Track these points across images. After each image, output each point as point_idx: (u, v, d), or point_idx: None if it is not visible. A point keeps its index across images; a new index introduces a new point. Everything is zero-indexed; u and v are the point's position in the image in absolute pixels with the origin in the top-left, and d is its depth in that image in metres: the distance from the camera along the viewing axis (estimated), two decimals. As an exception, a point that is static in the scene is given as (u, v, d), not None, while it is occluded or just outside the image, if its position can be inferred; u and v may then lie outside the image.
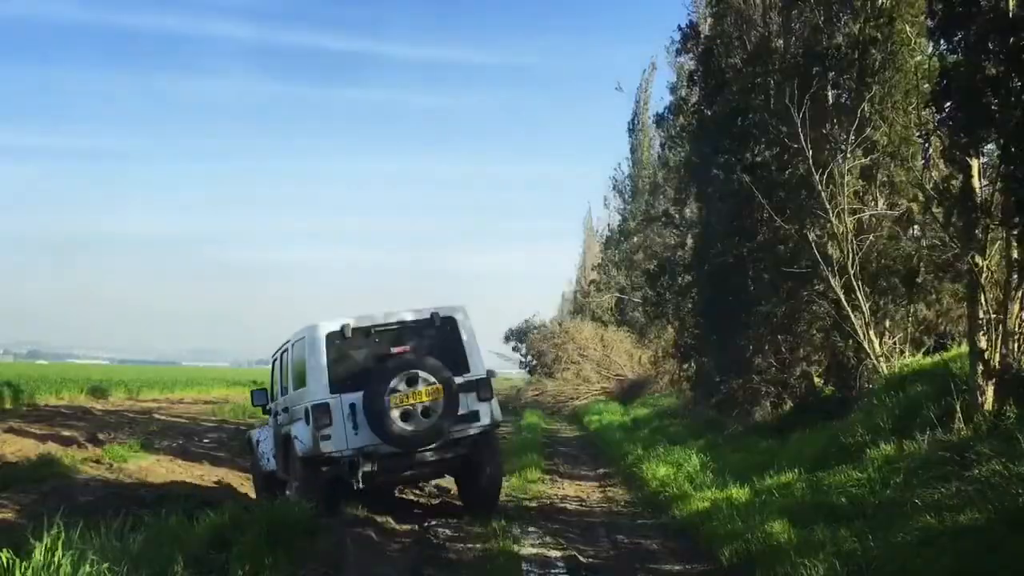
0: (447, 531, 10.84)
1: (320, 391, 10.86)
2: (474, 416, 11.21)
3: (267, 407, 13.58)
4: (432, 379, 10.67)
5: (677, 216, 26.10)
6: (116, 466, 17.55)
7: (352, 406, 10.73)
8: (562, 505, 12.91)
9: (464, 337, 11.55)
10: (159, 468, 18.19)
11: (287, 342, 12.36)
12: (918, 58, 14.75)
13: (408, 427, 10.61)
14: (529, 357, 50.46)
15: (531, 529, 10.84)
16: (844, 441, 11.65)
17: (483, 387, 11.36)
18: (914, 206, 14.72)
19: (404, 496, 13.81)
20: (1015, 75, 9.53)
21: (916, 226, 15.24)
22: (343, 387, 10.85)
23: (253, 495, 14.87)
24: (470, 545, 9.94)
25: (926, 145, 13.93)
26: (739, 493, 11.23)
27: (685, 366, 25.17)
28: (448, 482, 14.88)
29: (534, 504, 12.85)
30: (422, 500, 13.94)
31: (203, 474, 18.19)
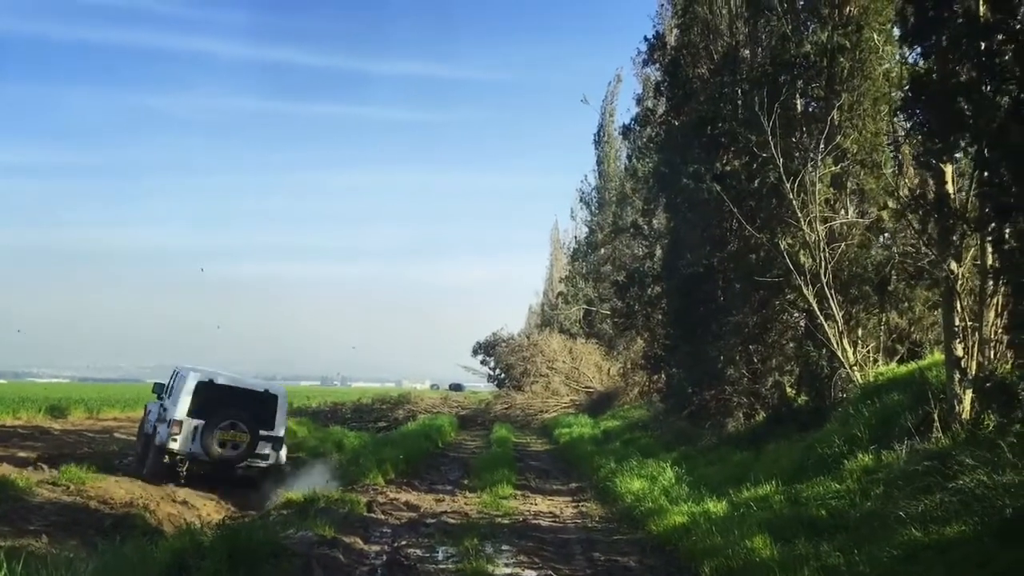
0: (418, 551, 10.47)
1: (181, 412, 16.79)
2: (265, 457, 17.46)
3: (160, 396, 19.01)
4: (245, 429, 16.98)
5: (646, 227, 26.00)
6: (73, 488, 16.87)
7: (195, 427, 16.73)
8: (535, 522, 12.59)
9: (278, 407, 17.75)
10: (118, 490, 17.52)
11: (181, 370, 18.07)
12: (886, 66, 14.75)
13: (223, 452, 16.91)
14: (497, 371, 50.20)
15: (504, 548, 10.51)
16: (821, 452, 11.49)
17: (276, 441, 17.66)
18: (884, 214, 14.68)
19: (373, 515, 13.41)
20: (988, 80, 9.45)
21: (886, 234, 15.21)
22: (195, 414, 16.76)
23: (219, 514, 15.29)
24: (442, 566, 9.59)
25: (896, 153, 13.88)
26: (716, 507, 11.00)
27: (655, 377, 25.05)
28: (421, 500, 14.50)
29: (507, 521, 12.51)
30: (391, 519, 13.53)
31: (166, 495, 17.58)
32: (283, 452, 17.92)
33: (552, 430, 33.00)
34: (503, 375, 48.95)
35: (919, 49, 10.39)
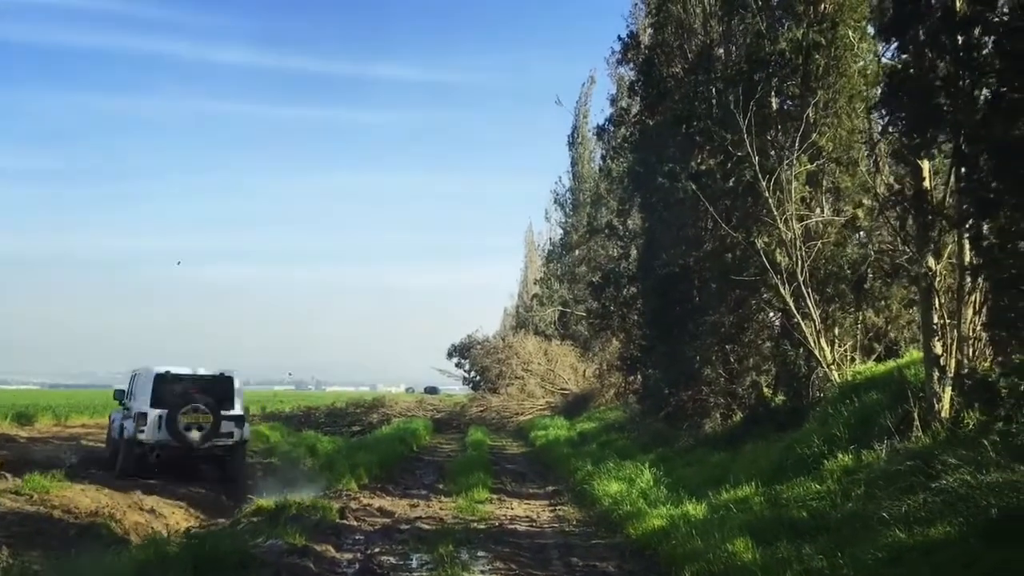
0: (392, 559, 10.20)
1: (144, 405, 17.95)
2: (229, 435, 18.39)
3: (122, 401, 20.20)
4: (207, 410, 18.00)
5: (620, 227, 25.86)
6: (37, 497, 16.41)
7: (160, 416, 17.73)
8: (512, 526, 12.36)
9: (235, 388, 19.07)
10: (84, 498, 17.07)
11: (138, 371, 19.42)
12: (861, 63, 14.68)
13: (190, 435, 17.86)
14: (472, 373, 49.93)
15: (480, 554, 10.27)
16: (800, 452, 11.36)
17: (238, 419, 18.73)
18: (860, 212, 14.61)
19: (346, 521, 13.11)
20: (966, 74, 9.36)
21: (861, 232, 15.14)
22: (158, 405, 17.87)
23: (188, 521, 14.99)
24: (417, 574, 9.34)
25: (872, 151, 13.81)
26: (696, 509, 10.82)
27: (631, 378, 24.91)
28: (395, 506, 14.23)
29: (483, 526, 12.27)
30: (364, 525, 13.24)
31: (133, 504, 17.16)
32: (246, 428, 19.47)
33: (528, 432, 32.80)
34: (478, 377, 48.69)
35: (895, 44, 10.29)
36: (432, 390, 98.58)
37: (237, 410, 18.85)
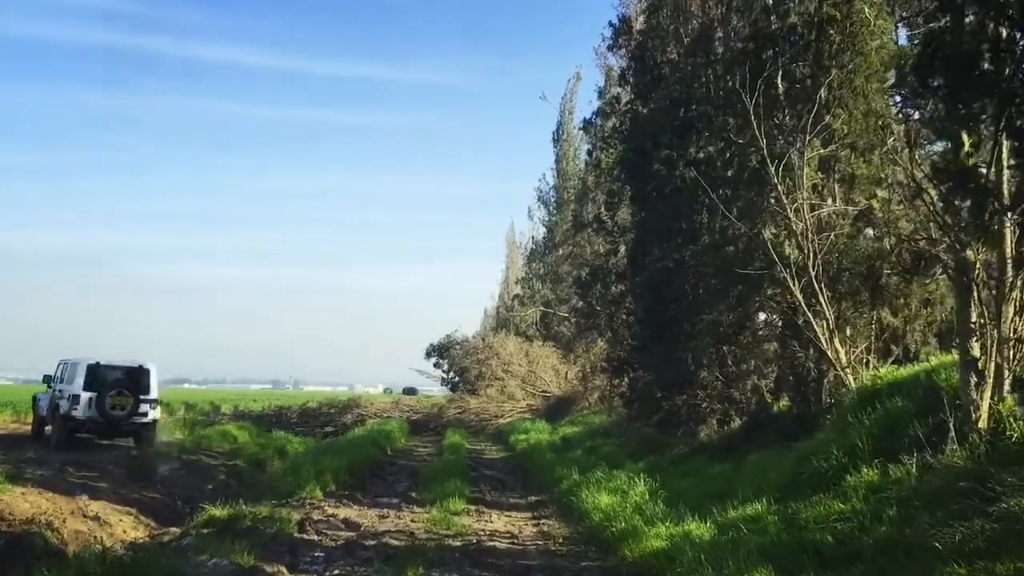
0: (353, 583, 8.89)
1: (78, 388, 21.78)
2: (145, 414, 22.37)
3: (50, 385, 24.04)
4: (128, 394, 22.00)
5: (609, 221, 24.58)
6: (-32, 502, 14.96)
7: (90, 398, 21.62)
8: (491, 543, 11.02)
9: (151, 377, 22.81)
10: (22, 503, 15.58)
11: (68, 360, 23.58)
12: (877, 42, 13.50)
13: (114, 413, 21.73)
14: (451, 374, 48.53)
15: (455, 577, 8.97)
16: (817, 465, 10.08)
17: (152, 403, 22.70)
18: (875, 202, 13.40)
19: (305, 535, 11.73)
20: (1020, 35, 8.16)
21: (872, 225, 13.93)
22: (89, 388, 21.75)
23: (136, 530, 14.14)
24: (379, 604, 8.02)
25: (892, 134, 12.62)
26: (700, 528, 9.55)
27: (618, 381, 23.62)
28: (363, 516, 12.87)
29: (458, 543, 10.93)
30: (325, 540, 11.86)
31: (76, 510, 15.70)
32: (158, 410, 23.70)
33: (508, 436, 31.46)
34: (457, 378, 47.28)
35: (935, 3, 9.06)
36: (410, 391, 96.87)
37: (153, 395, 23.01)
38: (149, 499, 17.43)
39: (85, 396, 21.65)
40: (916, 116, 10.44)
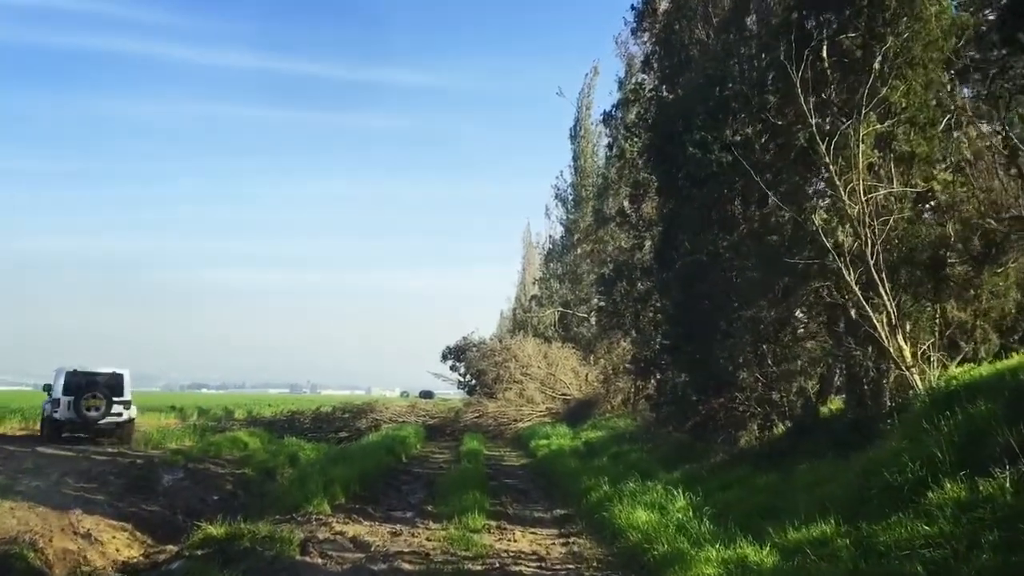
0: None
1: (58, 393, 25.08)
2: (119, 415, 25.38)
3: (49, 393, 26.17)
4: (102, 397, 24.96)
5: (633, 215, 23.29)
6: (-48, 518, 13.89)
7: (70, 401, 24.79)
8: (516, 568, 9.77)
9: (124, 382, 26.03)
10: (9, 519, 14.52)
11: (58, 369, 25.92)
12: (936, 7, 12.21)
13: (90, 414, 24.78)
14: (468, 377, 47.31)
15: (476, 613, 7.74)
16: (889, 479, 8.76)
17: (126, 404, 25.74)
18: (936, 183, 12.09)
19: (307, 558, 10.51)
20: None
21: (933, 212, 12.62)
22: (68, 393, 24.92)
23: (130, 548, 13.45)
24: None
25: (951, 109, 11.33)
26: (758, 554, 8.28)
27: (643, 383, 22.35)
28: (373, 534, 11.74)
29: (478, 567, 9.71)
30: (330, 564, 10.61)
31: (66, 526, 14.58)
32: (133, 410, 26.47)
33: (528, 441, 30.19)
34: (474, 381, 46.02)
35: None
36: (427, 394, 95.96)
37: (126, 397, 25.97)
38: (148, 513, 16.40)
39: (64, 400, 24.97)
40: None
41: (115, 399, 25.23)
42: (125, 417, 25.67)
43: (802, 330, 14.82)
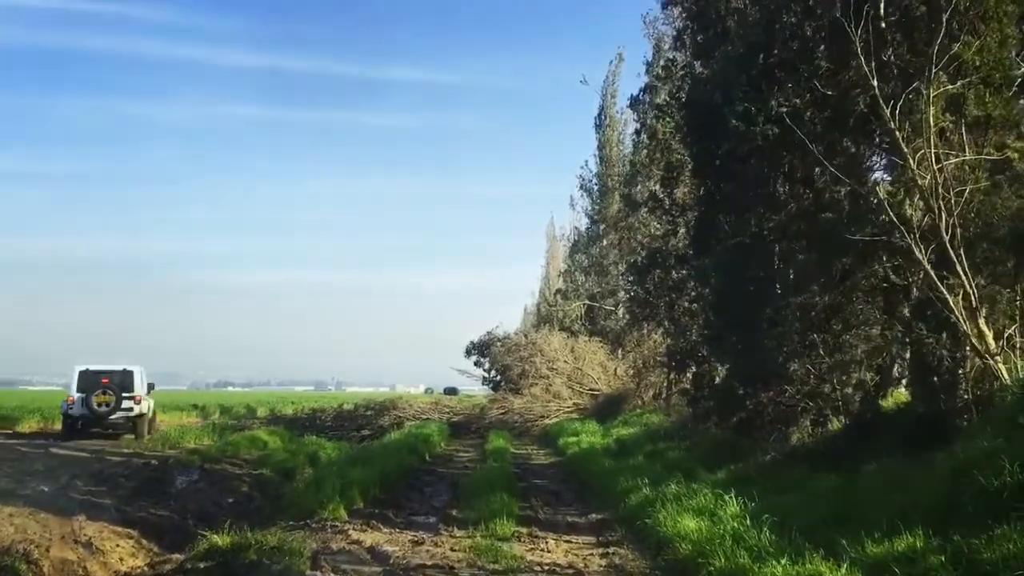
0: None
1: (73, 391, 26.61)
2: (129, 409, 26.75)
3: (70, 391, 27.21)
4: (112, 393, 26.22)
5: (667, 199, 22.09)
6: (-55, 524, 12.98)
7: (82, 398, 26.16)
8: (550, 584, 8.68)
9: (135, 377, 27.15)
10: (7, 526, 13.61)
11: (75, 369, 27.42)
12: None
13: (100, 409, 26.16)
14: (492, 372, 46.25)
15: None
16: (985, 483, 7.56)
17: (137, 400, 26.85)
18: (1010, 152, 10.83)
19: (319, 572, 9.48)
20: None
21: (1013, 182, 11.33)
22: (80, 390, 26.34)
23: (134, 558, 12.47)
24: None
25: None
26: (834, 572, 7.12)
27: (678, 376, 21.18)
28: (393, 542, 10.71)
29: (509, 583, 8.63)
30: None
31: (67, 534, 13.63)
32: (144, 405, 27.32)
33: (556, 438, 29.07)
34: (499, 377, 44.94)
35: None
36: (451, 391, 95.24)
37: (135, 392, 26.90)
38: (156, 518, 15.44)
39: (77, 396, 26.29)
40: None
41: (124, 395, 26.41)
42: (136, 412, 26.89)
43: (859, 316, 13.57)
